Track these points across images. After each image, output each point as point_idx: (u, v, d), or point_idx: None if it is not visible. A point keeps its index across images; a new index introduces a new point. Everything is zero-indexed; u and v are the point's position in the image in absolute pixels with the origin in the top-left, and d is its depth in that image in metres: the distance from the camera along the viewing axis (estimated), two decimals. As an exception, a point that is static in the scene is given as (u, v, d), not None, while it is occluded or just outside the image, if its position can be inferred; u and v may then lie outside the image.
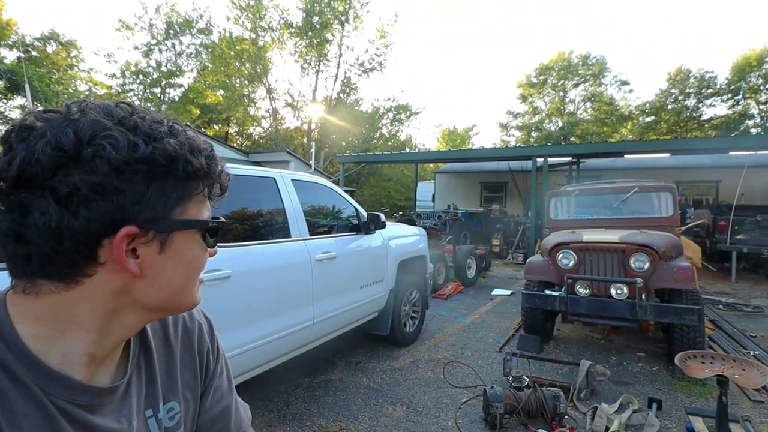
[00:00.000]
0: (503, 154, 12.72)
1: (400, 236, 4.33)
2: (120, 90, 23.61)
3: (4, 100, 16.99)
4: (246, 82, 23.71)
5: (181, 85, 25.16)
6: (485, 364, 3.88)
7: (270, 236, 2.82)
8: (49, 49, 21.57)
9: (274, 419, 2.89)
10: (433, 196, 16.98)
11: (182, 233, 0.52)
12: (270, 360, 2.70)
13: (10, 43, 19.98)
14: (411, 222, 8.10)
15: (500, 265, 10.04)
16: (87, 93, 22.71)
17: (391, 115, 26.01)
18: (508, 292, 6.88)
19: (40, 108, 0.50)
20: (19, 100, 17.45)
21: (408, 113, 26.30)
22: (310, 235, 3.09)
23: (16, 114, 19.25)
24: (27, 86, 7.98)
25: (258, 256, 2.62)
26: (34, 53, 20.79)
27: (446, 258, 7.35)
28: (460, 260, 7.41)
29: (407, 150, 27.02)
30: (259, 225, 2.83)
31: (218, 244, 0.62)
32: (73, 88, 22.21)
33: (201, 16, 24.73)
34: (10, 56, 19.65)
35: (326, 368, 3.74)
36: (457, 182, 16.65)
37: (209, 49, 24.00)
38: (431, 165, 21.40)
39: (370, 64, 23.59)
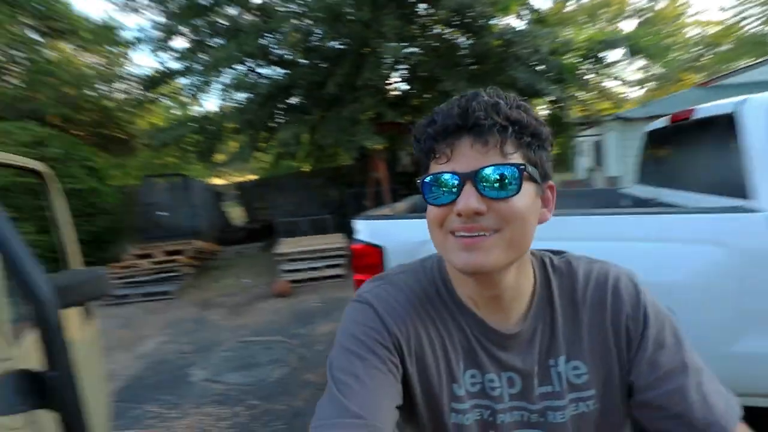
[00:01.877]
0: None
1: None
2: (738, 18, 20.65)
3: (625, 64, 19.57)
4: None
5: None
6: None
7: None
8: (658, 7, 22.30)
9: None
10: None
11: None
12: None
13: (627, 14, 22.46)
14: None
15: None
16: (697, 37, 21.75)
17: None
18: None
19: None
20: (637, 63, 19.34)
21: None
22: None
23: (637, 76, 21.59)
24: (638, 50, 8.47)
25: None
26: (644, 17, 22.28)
27: None
28: None
29: None
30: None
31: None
32: (681, 38, 21.91)
33: None
34: (628, 26, 22.20)
35: None
36: None
37: None
38: None
39: None
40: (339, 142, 6.77)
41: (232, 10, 7.60)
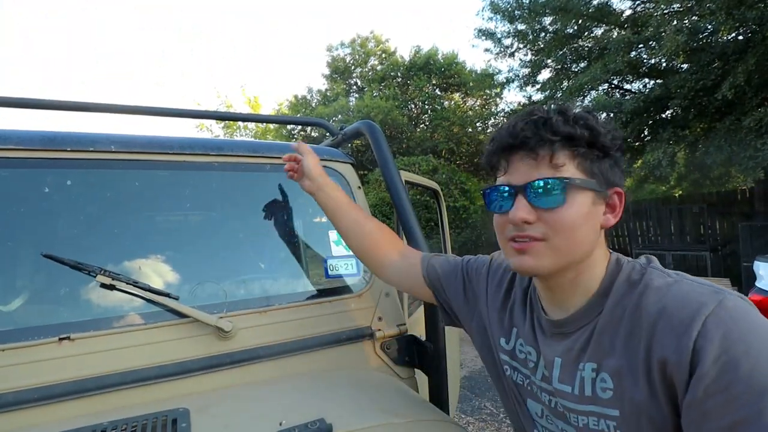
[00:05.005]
0: None
1: None
2: None
3: None
4: None
5: None
6: None
7: None
8: None
9: None
10: None
11: None
12: None
13: None
14: None
15: None
16: None
17: None
18: None
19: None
20: None
21: None
22: None
23: None
24: None
25: None
26: None
27: None
28: None
29: None
30: None
31: None
32: None
33: None
34: None
35: None
36: None
37: None
38: None
39: None
40: (733, 159, 5.41)
41: (598, 31, 7.40)
